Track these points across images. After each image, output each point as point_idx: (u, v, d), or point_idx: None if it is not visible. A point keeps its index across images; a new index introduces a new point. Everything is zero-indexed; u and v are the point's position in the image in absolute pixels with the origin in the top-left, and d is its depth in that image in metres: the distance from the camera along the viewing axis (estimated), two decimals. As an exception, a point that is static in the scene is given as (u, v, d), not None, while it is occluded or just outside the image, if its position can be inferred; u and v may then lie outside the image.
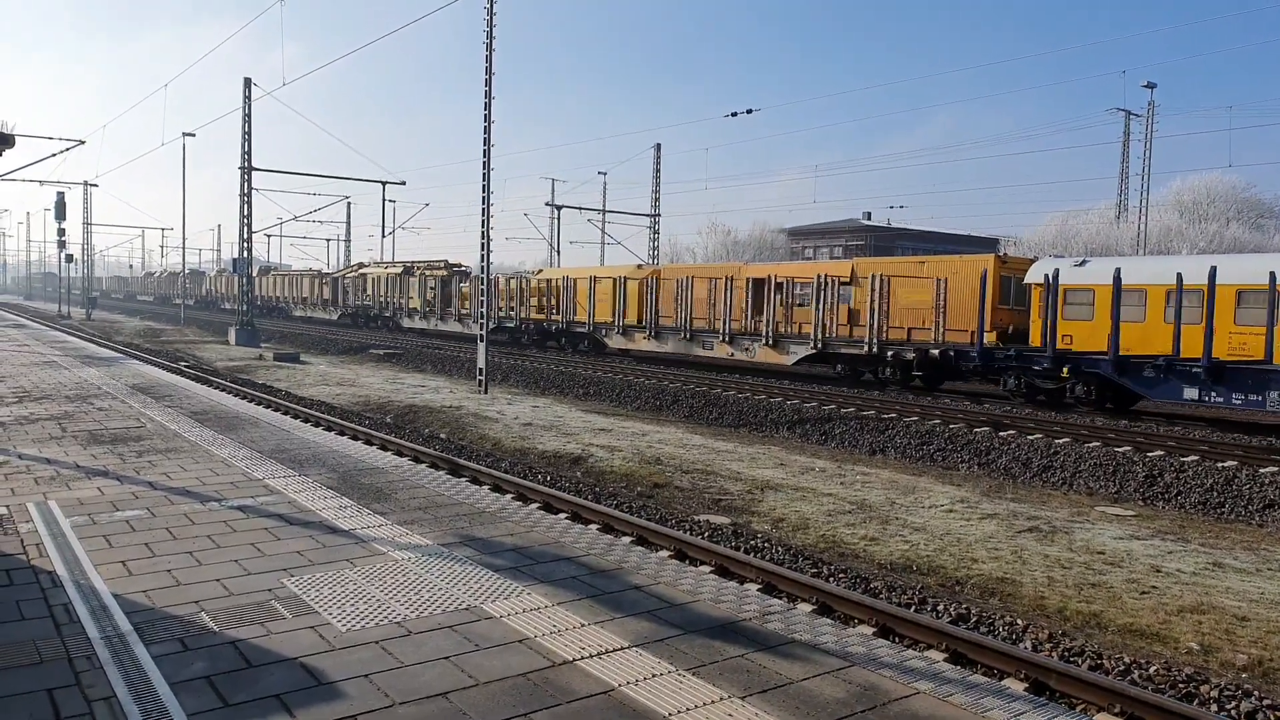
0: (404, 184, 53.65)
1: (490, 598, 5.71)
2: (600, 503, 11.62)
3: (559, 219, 54.85)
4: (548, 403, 23.08)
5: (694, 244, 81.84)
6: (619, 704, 4.29)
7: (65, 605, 5.33)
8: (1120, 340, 19.26)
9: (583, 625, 5.29)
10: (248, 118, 38.52)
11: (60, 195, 47.74)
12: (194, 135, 49.24)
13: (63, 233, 55.03)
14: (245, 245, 40.18)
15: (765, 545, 10.13)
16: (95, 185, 67.53)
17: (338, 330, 49.89)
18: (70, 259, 63.16)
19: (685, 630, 5.28)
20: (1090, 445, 15.93)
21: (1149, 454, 15.18)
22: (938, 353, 23.10)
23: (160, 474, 9.00)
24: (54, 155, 24.96)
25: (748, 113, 39.43)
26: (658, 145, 51.30)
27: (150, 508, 7.64)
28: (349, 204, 66.95)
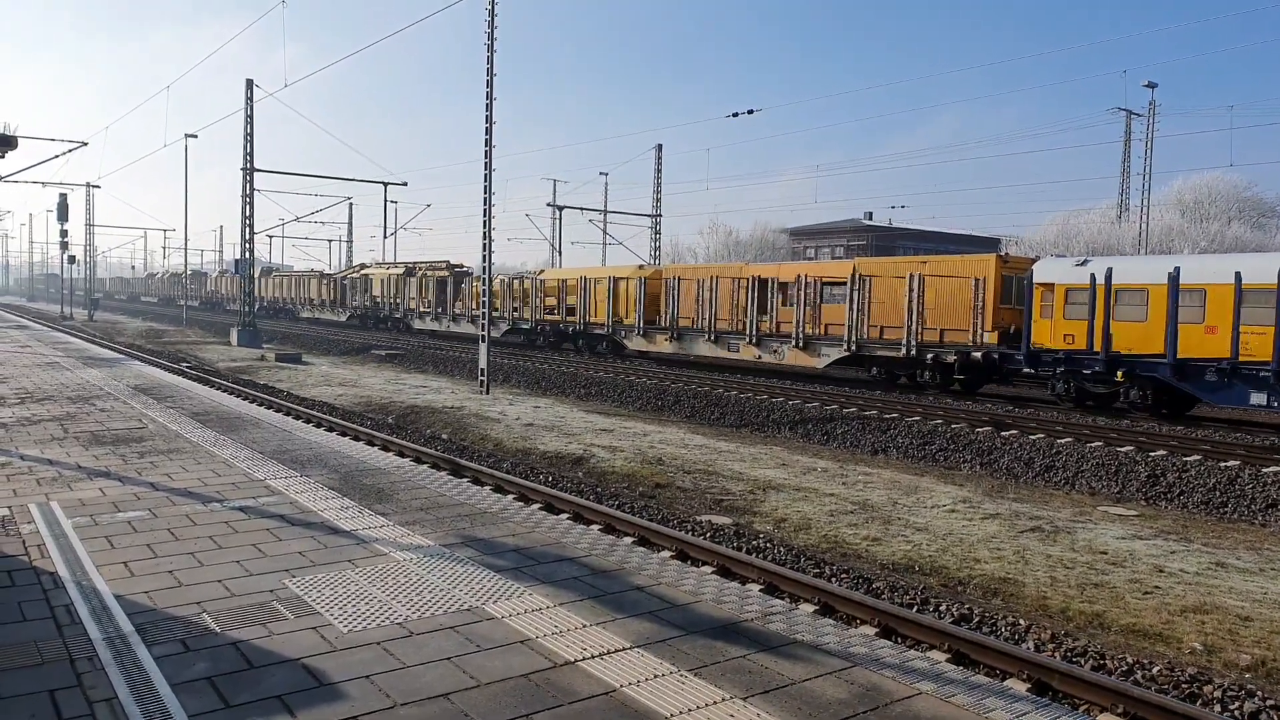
0: (405, 185, 53.79)
1: (492, 598, 5.71)
2: (602, 503, 11.61)
3: (561, 219, 54.87)
4: (549, 403, 23.07)
5: (695, 244, 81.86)
6: (621, 705, 4.29)
7: (67, 606, 5.33)
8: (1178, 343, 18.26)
9: (584, 626, 5.29)
10: (250, 119, 38.56)
11: (63, 197, 47.76)
12: (196, 136, 49.43)
13: (65, 234, 55.09)
14: (247, 246, 40.23)
15: (767, 546, 10.12)
16: (98, 187, 67.82)
17: (341, 331, 49.75)
18: (72, 260, 63.22)
19: (687, 631, 5.28)
20: (1092, 445, 15.91)
21: (1151, 454, 15.16)
22: (980, 355, 22.25)
23: (162, 475, 9.00)
24: (56, 157, 25.03)
25: (749, 113, 39.35)
26: (659, 145, 51.35)
27: (152, 509, 7.64)
28: (351, 205, 67.06)
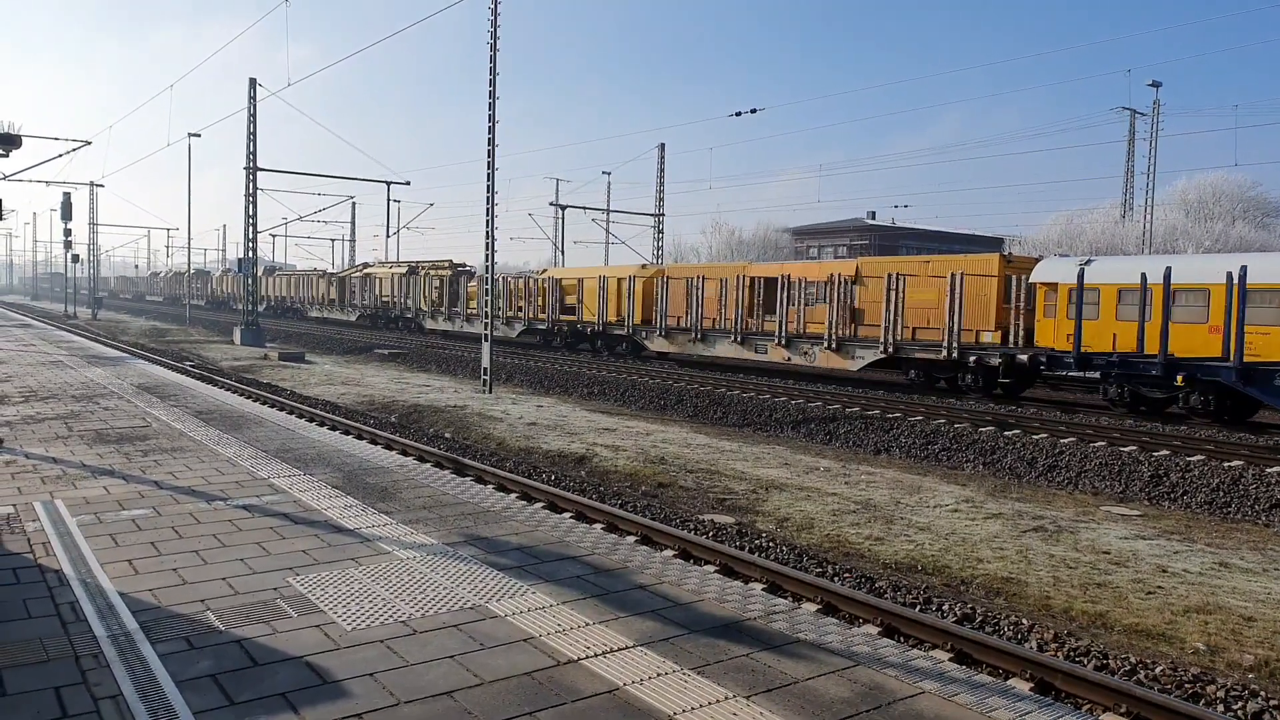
0: (408, 184, 53.74)
1: (495, 597, 5.72)
2: (605, 502, 11.62)
3: (563, 219, 54.88)
4: (552, 402, 23.09)
5: (698, 244, 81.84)
6: (624, 703, 4.29)
7: (72, 604, 5.35)
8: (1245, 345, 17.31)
9: (588, 624, 5.30)
10: (253, 118, 38.59)
11: (67, 196, 47.86)
12: (199, 136, 49.42)
13: (69, 233, 55.18)
14: (250, 245, 40.27)
15: (770, 545, 10.12)
16: (101, 186, 67.83)
17: (345, 330, 49.62)
18: (76, 259, 63.31)
19: (690, 630, 5.28)
20: (1096, 445, 15.89)
21: (1154, 453, 15.14)
22: (1026, 358, 21.25)
23: (166, 473, 9.02)
24: (61, 156, 25.10)
25: (751, 112, 39.36)
26: (662, 145, 51.30)
27: (156, 507, 7.66)
28: (354, 204, 67.10)
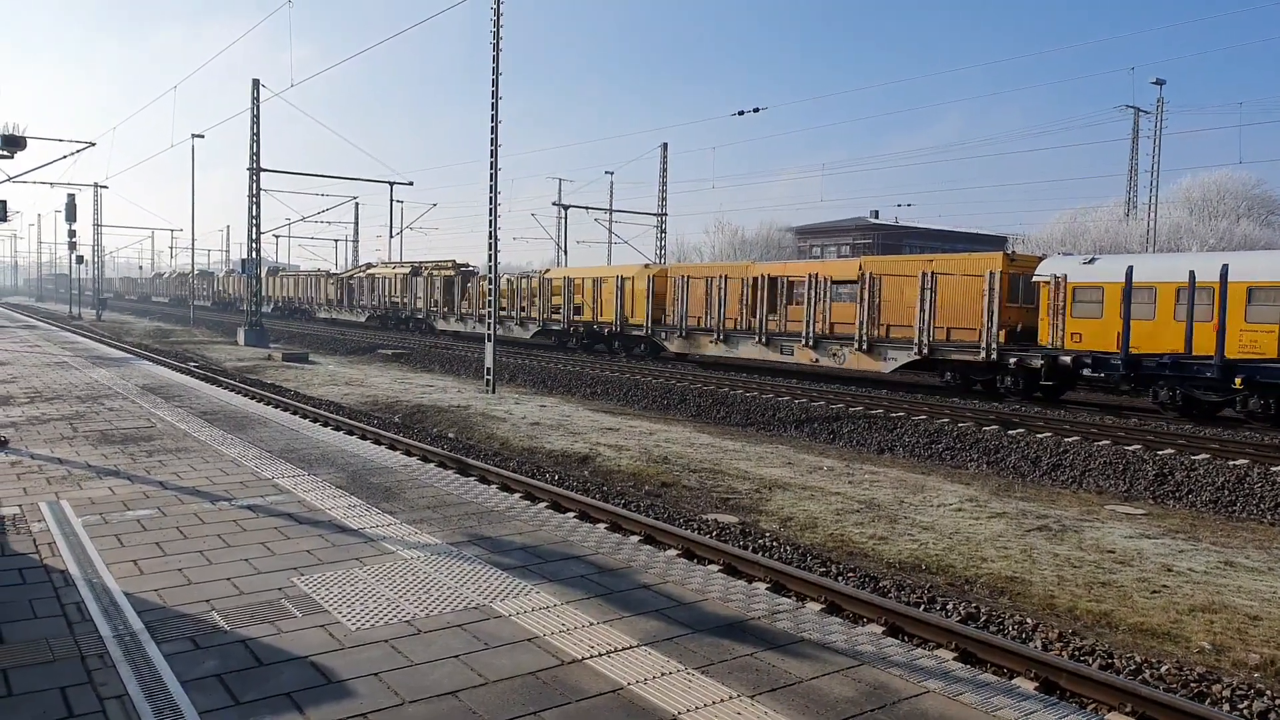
0: (411, 184, 53.73)
1: (499, 596, 5.72)
2: (608, 502, 11.63)
3: (566, 219, 54.92)
4: (555, 402, 23.10)
5: (701, 243, 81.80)
6: (628, 703, 4.30)
7: (77, 604, 5.36)
8: None
9: (592, 624, 5.30)
10: (256, 119, 38.65)
11: (71, 197, 48.06)
12: (203, 136, 49.56)
13: (73, 234, 55.38)
14: (254, 246, 40.33)
15: (773, 544, 10.12)
16: (105, 187, 67.89)
17: (349, 331, 49.55)
18: (81, 260, 63.46)
19: (694, 629, 5.28)
20: (1100, 444, 15.87)
21: (1159, 452, 15.11)
22: (1069, 360, 20.49)
23: (171, 473, 9.04)
24: (65, 157, 25.16)
25: (754, 111, 39.43)
26: (664, 145, 51.35)
27: (161, 507, 7.67)
28: (357, 205, 67.16)
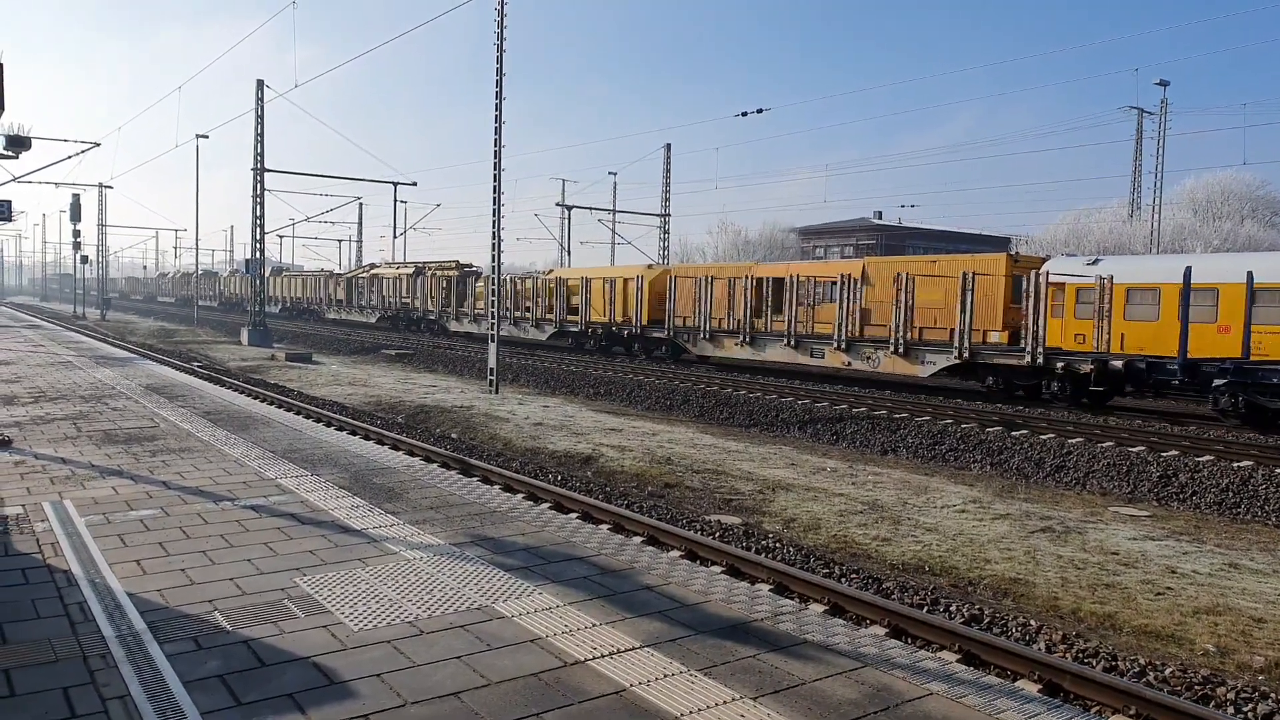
0: (415, 185, 53.85)
1: (502, 597, 5.71)
2: (611, 503, 11.62)
3: (569, 219, 54.98)
4: (558, 402, 23.09)
5: (704, 244, 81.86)
6: (631, 704, 4.29)
7: (80, 604, 5.36)
8: None
9: (594, 625, 5.29)
10: (260, 119, 38.70)
11: (75, 197, 48.22)
12: (207, 137, 49.68)
13: (78, 234, 55.50)
14: (258, 246, 40.39)
15: (777, 546, 10.11)
16: (110, 187, 68.05)
17: (353, 331, 49.51)
18: (85, 260, 63.58)
19: (697, 631, 5.27)
20: (1104, 445, 15.84)
21: (1163, 454, 15.08)
22: (1121, 364, 19.64)
23: (174, 473, 9.05)
24: (70, 158, 25.21)
25: (758, 112, 39.37)
26: (668, 145, 51.35)
27: (164, 507, 7.68)
28: (361, 205, 67.20)
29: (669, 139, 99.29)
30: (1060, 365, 20.77)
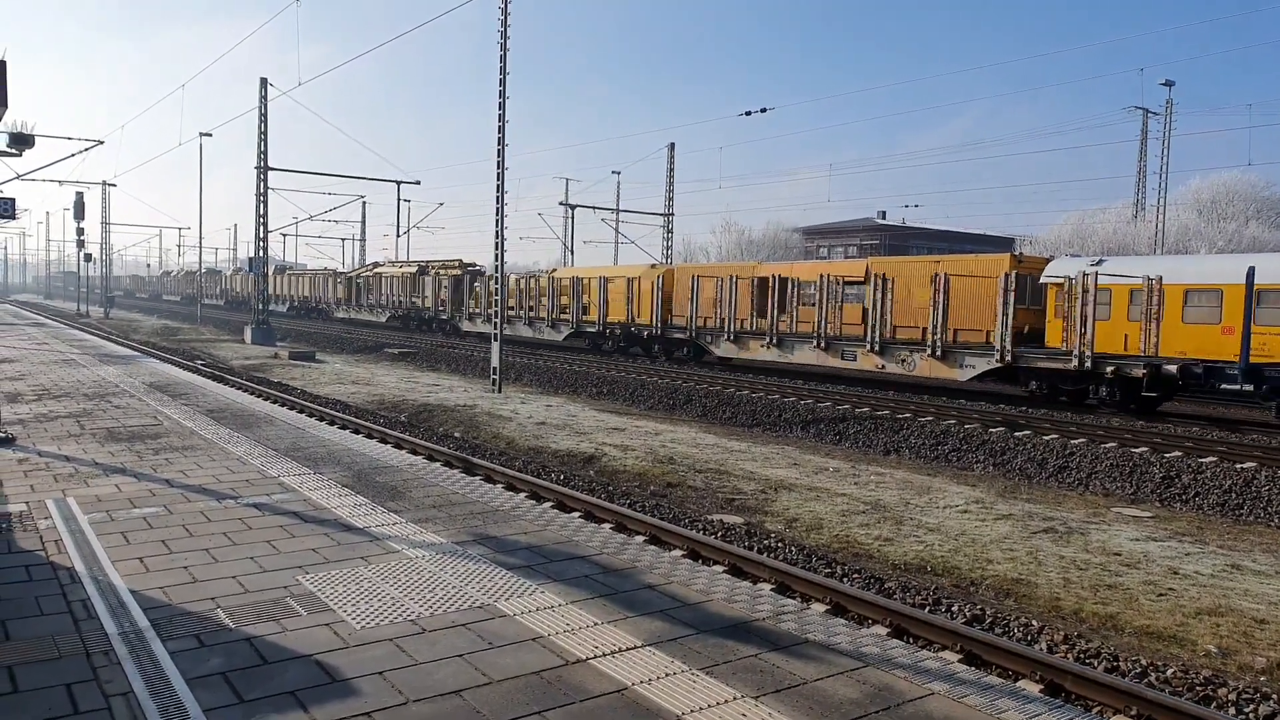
0: (419, 183, 53.81)
1: (504, 596, 5.72)
2: (613, 502, 11.62)
3: (573, 219, 54.98)
4: (561, 402, 23.11)
5: (707, 243, 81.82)
6: (632, 703, 4.29)
7: (83, 601, 5.38)
8: None
9: (596, 624, 5.30)
10: (263, 117, 38.73)
11: (79, 195, 48.22)
12: (210, 135, 49.58)
13: (82, 232, 55.57)
14: (261, 244, 40.44)
15: (779, 545, 10.11)
16: (113, 185, 68.09)
17: (358, 330, 49.51)
18: (89, 258, 63.69)
19: (698, 630, 5.28)
20: (1107, 446, 15.82)
21: (1166, 455, 15.06)
22: (1175, 368, 18.81)
23: (177, 471, 9.07)
24: (73, 155, 25.26)
25: (761, 111, 39.53)
26: (671, 144, 51.26)
27: (167, 505, 7.70)
28: (364, 204, 67.25)
29: (672, 138, 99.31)
30: (1110, 370, 19.89)
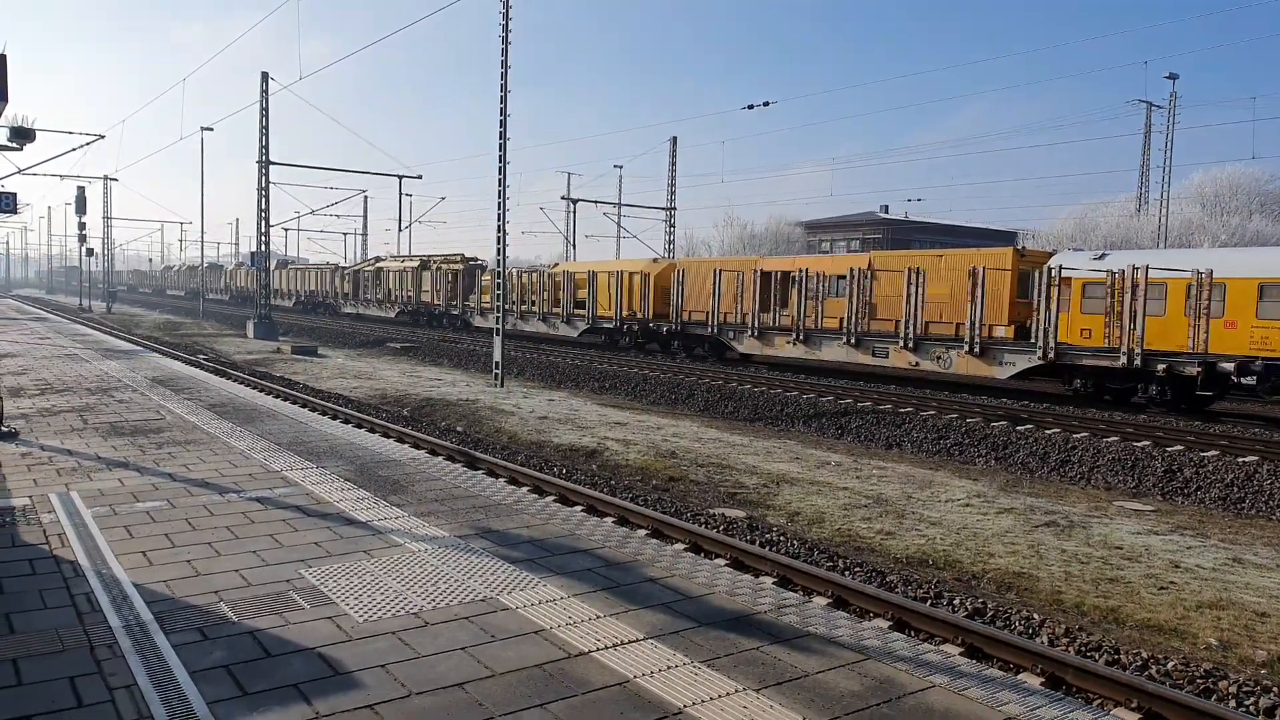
0: (420, 178, 53.80)
1: (506, 589, 5.74)
2: (616, 496, 11.64)
3: (575, 213, 54.92)
4: (563, 396, 23.12)
5: (710, 237, 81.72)
6: (634, 695, 4.31)
7: (87, 594, 5.40)
8: None
9: (598, 617, 5.31)
10: (265, 112, 38.70)
11: (81, 190, 48.29)
12: (212, 129, 49.65)
13: (83, 227, 55.56)
14: (263, 239, 40.44)
15: (780, 539, 10.12)
16: (115, 180, 68.02)
17: (360, 325, 49.53)
18: (91, 253, 63.68)
19: (700, 623, 5.29)
20: (1109, 440, 15.81)
21: (1168, 449, 15.05)
22: (1232, 366, 18.10)
23: (180, 465, 9.09)
24: (74, 150, 25.28)
25: (764, 105, 39.37)
26: (674, 139, 51.27)
27: (170, 499, 7.71)
28: (366, 198, 67.21)
29: (676, 132, 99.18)
30: (1162, 368, 19.02)
